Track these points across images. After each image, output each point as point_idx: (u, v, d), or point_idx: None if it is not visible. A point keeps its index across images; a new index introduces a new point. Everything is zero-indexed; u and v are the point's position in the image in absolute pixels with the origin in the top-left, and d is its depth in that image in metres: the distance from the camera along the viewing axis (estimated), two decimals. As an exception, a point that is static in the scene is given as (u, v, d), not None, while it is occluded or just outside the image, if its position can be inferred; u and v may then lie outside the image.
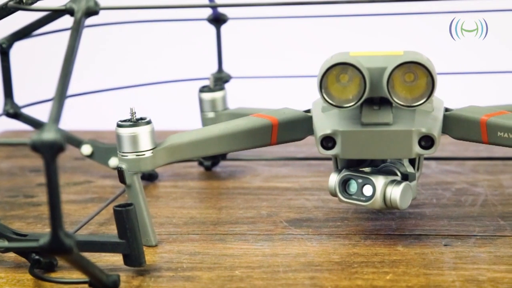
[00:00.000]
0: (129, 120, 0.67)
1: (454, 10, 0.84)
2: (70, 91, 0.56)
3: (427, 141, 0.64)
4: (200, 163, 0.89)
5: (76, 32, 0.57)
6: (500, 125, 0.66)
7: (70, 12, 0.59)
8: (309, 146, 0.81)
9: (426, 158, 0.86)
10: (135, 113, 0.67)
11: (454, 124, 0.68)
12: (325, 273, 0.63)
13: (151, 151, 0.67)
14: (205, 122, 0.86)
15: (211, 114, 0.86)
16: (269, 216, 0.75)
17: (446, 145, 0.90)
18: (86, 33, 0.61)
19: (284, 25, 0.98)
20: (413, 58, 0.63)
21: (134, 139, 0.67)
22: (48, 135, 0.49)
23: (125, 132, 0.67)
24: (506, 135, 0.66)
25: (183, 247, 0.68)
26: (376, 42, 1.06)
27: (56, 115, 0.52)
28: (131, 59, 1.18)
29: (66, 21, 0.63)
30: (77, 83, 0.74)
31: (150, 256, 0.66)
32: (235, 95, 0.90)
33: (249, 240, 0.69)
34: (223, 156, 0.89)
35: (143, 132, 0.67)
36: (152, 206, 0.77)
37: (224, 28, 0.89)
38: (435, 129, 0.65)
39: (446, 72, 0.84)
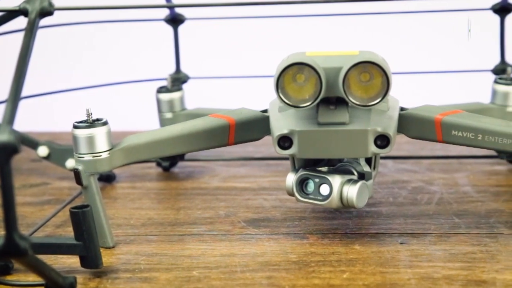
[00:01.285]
0: (85, 121, 0.67)
1: (410, 11, 0.85)
2: (26, 92, 0.56)
3: (382, 140, 0.65)
4: (158, 164, 0.89)
5: (30, 33, 0.57)
6: (454, 124, 0.67)
7: (24, 12, 0.59)
8: (267, 146, 0.82)
9: (382, 157, 0.87)
10: (91, 114, 0.67)
11: (409, 123, 0.69)
12: (282, 273, 0.63)
13: (108, 152, 0.67)
14: (163, 122, 0.86)
15: (169, 115, 0.86)
16: (227, 216, 0.75)
17: (402, 144, 0.91)
18: (41, 34, 0.61)
19: (241, 25, 0.98)
20: (368, 58, 0.64)
21: (90, 140, 0.66)
22: (2, 136, 0.48)
23: (81, 133, 0.66)
24: (460, 133, 0.67)
25: (141, 248, 0.68)
26: (332, 42, 1.06)
27: (10, 116, 0.51)
28: (88, 60, 1.17)
29: (22, 22, 0.63)
30: (33, 84, 0.74)
31: (107, 258, 0.66)
32: (193, 96, 0.90)
33: (207, 240, 0.69)
34: (181, 157, 0.89)
35: (99, 133, 0.66)
36: (110, 207, 0.77)
37: (181, 28, 0.89)
38: (391, 128, 0.65)
39: (401, 72, 0.85)
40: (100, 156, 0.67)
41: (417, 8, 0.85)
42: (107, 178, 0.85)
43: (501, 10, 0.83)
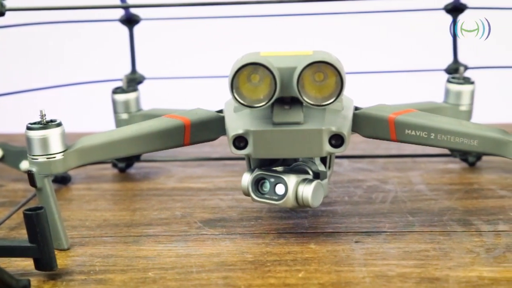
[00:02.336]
0: (39, 123, 0.66)
1: (364, 11, 0.86)
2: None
3: (337, 140, 0.65)
4: (114, 165, 0.89)
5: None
6: (407, 123, 0.68)
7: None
8: (224, 146, 0.81)
9: (338, 156, 0.87)
10: (45, 115, 0.66)
11: (363, 122, 0.69)
12: (238, 273, 0.63)
13: (62, 153, 0.66)
14: (119, 123, 0.86)
15: (124, 116, 0.86)
16: (183, 217, 0.75)
17: (357, 143, 0.91)
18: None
19: (197, 25, 0.98)
20: (322, 58, 0.64)
21: (44, 142, 0.66)
22: None
23: (35, 134, 0.66)
24: (413, 132, 0.68)
25: (96, 250, 0.68)
26: (286, 42, 1.07)
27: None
28: (42, 61, 1.16)
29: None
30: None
31: (62, 260, 0.65)
32: (149, 96, 0.90)
33: (162, 241, 0.69)
34: (137, 158, 0.88)
35: (53, 135, 0.66)
36: (65, 209, 0.77)
37: (137, 28, 0.89)
38: (345, 128, 0.65)
39: (355, 72, 0.85)
40: (54, 157, 0.66)
41: (371, 8, 0.86)
42: (62, 180, 0.84)
43: (453, 10, 0.84)
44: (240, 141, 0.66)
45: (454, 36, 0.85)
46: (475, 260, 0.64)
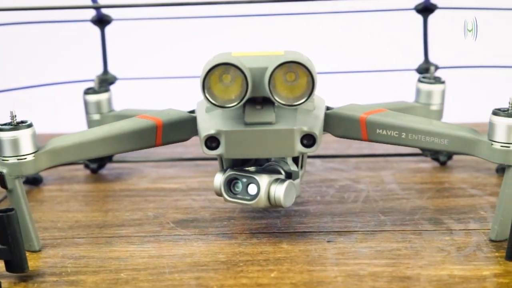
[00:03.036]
0: (9, 124, 0.66)
1: (335, 11, 0.86)
2: None
3: (309, 140, 0.65)
4: (86, 166, 0.88)
5: None
6: (378, 123, 0.68)
7: None
8: (197, 146, 0.81)
9: (310, 156, 0.87)
10: (15, 116, 0.66)
11: (335, 122, 0.69)
12: (210, 273, 0.63)
13: (33, 154, 0.66)
14: (91, 124, 0.85)
15: (96, 116, 0.85)
16: (155, 217, 0.74)
17: (330, 143, 0.91)
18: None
19: (169, 25, 0.98)
20: (293, 58, 0.64)
21: (14, 143, 0.65)
22: None
23: (5, 136, 0.65)
24: (384, 132, 0.68)
25: (68, 251, 0.67)
26: (258, 42, 1.07)
27: None
28: (13, 61, 1.15)
29: None
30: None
31: (33, 262, 0.65)
32: (121, 97, 0.90)
33: (135, 242, 0.69)
34: (109, 158, 0.88)
35: (24, 136, 0.66)
36: (37, 211, 0.76)
37: (108, 29, 0.88)
38: (317, 128, 0.66)
39: (327, 72, 0.85)
40: (25, 158, 0.66)
41: (342, 8, 0.86)
42: (33, 181, 0.84)
43: (423, 10, 0.84)
44: (212, 142, 0.66)
45: (425, 36, 0.85)
46: (446, 258, 0.64)
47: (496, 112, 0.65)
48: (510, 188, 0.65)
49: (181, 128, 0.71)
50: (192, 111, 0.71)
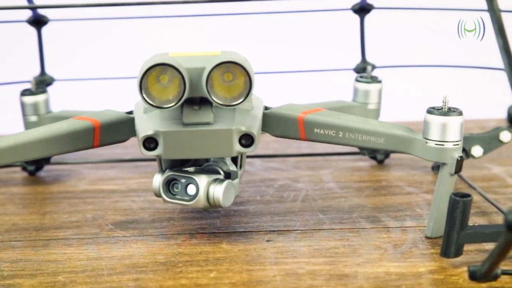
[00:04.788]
0: None
1: (273, 11, 0.86)
2: None
3: (247, 139, 0.66)
4: (24, 168, 0.87)
5: None
6: (316, 122, 0.69)
7: None
8: (136, 147, 0.80)
9: (250, 156, 0.88)
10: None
11: (273, 122, 0.70)
12: (149, 274, 0.63)
13: (-32, 157, 0.65)
14: (28, 126, 0.84)
15: (33, 118, 0.84)
16: (94, 219, 0.74)
17: (269, 142, 0.92)
18: None
19: (106, 26, 0.97)
20: (231, 58, 0.64)
21: None
22: None
23: None
24: (322, 131, 0.69)
25: (4, 254, 0.66)
26: (195, 42, 1.07)
27: None
28: None
29: None
30: None
31: (-32, 266, 0.64)
32: (59, 98, 0.89)
33: (73, 244, 0.68)
34: (47, 160, 0.87)
35: (-43, 138, 0.65)
36: (-28, 214, 0.75)
37: (45, 29, 0.87)
38: (255, 128, 0.66)
39: (265, 72, 0.86)
40: (-41, 161, 0.65)
41: (279, 8, 0.87)
42: (-31, 184, 0.83)
43: (360, 10, 0.85)
44: (150, 142, 0.65)
45: (362, 36, 0.86)
46: (382, 256, 0.65)
47: (430, 111, 0.66)
48: (445, 186, 0.66)
49: (119, 129, 0.70)
50: (130, 112, 0.71)
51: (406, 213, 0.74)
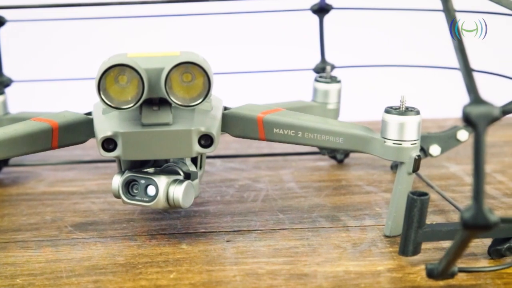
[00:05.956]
0: None
1: (232, 11, 0.87)
2: None
3: (206, 140, 0.66)
4: (-19, 170, 0.86)
5: None
6: (275, 122, 0.69)
7: None
8: (96, 149, 0.80)
9: (210, 156, 0.88)
10: None
11: (232, 122, 0.70)
12: (109, 276, 0.63)
13: None
14: (-15, 128, 0.83)
15: (-9, 119, 0.84)
16: (53, 221, 0.73)
17: (230, 143, 0.92)
18: None
19: (65, 27, 0.97)
20: (189, 59, 0.64)
21: None
22: None
23: None
24: (281, 131, 0.69)
25: (-39, 258, 0.66)
26: (154, 43, 1.06)
27: None
28: None
29: None
30: None
31: None
32: (17, 100, 0.88)
33: (32, 247, 0.68)
34: (5, 162, 0.86)
35: None
36: None
37: (3, 30, 0.87)
38: (214, 128, 0.66)
39: (224, 72, 0.86)
40: None
41: (239, 9, 0.87)
42: None
43: (319, 11, 0.86)
44: (109, 143, 0.65)
45: (321, 36, 0.87)
46: (342, 255, 0.65)
47: (388, 110, 0.67)
48: (403, 185, 0.67)
49: (77, 130, 0.70)
50: (89, 113, 0.71)
51: (365, 212, 0.74)
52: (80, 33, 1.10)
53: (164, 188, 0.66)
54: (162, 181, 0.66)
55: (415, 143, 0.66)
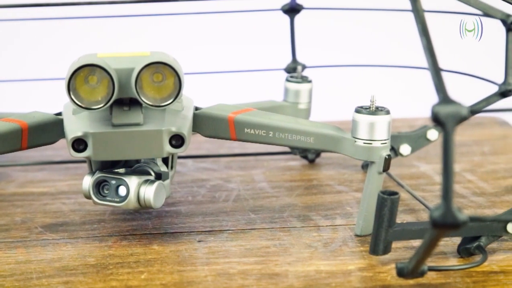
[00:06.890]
0: None
1: (202, 11, 0.87)
2: None
3: (177, 140, 0.66)
4: (-50, 171, 0.85)
5: None
6: (246, 122, 0.69)
7: None
8: (66, 149, 0.80)
9: (182, 156, 0.87)
10: None
11: (203, 122, 0.70)
12: (79, 277, 0.62)
13: None
14: (-46, 128, 0.83)
15: (-40, 120, 0.83)
16: (23, 222, 0.73)
17: (201, 143, 0.92)
18: None
19: (33, 26, 0.96)
20: (160, 59, 0.64)
21: None
22: None
23: None
24: (252, 131, 0.69)
25: None
26: (124, 43, 1.06)
27: None
28: None
29: None
30: None
31: None
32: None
33: (1, 248, 0.67)
34: (-26, 163, 0.86)
35: None
36: None
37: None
38: (185, 128, 0.66)
39: (195, 72, 0.86)
40: None
41: (209, 8, 0.87)
42: None
43: (290, 11, 0.86)
44: (79, 144, 0.65)
45: (292, 36, 0.87)
46: (313, 254, 0.65)
47: (358, 110, 0.67)
48: (373, 184, 0.67)
49: (47, 130, 0.69)
50: (59, 113, 0.70)
51: (337, 211, 0.74)
52: (49, 32, 1.09)
53: (135, 189, 0.66)
54: (133, 181, 0.66)
55: (385, 143, 0.67)
